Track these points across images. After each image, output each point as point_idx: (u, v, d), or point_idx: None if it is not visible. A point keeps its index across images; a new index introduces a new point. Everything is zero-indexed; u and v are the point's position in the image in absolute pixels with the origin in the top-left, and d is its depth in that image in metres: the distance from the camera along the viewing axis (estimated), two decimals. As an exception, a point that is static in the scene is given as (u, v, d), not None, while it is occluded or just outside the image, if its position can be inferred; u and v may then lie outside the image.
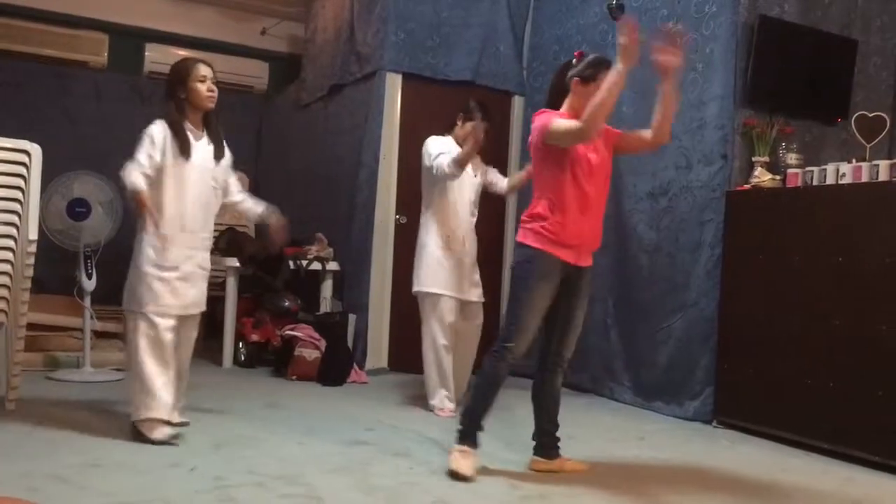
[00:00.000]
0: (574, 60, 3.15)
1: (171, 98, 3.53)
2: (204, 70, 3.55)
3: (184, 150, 3.46)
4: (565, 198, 3.04)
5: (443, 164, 4.16)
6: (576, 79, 3.09)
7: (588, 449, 3.45)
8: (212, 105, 3.56)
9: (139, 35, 7.33)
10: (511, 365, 3.09)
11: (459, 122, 4.36)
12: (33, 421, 3.55)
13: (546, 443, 3.22)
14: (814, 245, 3.74)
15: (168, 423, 3.35)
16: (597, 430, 4.01)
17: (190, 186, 3.48)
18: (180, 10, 7.43)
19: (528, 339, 3.08)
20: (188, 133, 3.49)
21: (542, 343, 3.21)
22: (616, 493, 2.89)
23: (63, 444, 3.21)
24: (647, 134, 3.25)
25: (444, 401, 4.22)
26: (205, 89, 3.52)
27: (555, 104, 3.15)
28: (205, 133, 3.57)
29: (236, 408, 4.09)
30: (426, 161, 4.29)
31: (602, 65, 3.07)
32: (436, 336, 4.25)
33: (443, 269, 4.27)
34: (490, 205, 4.86)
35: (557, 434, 3.23)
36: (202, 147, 3.54)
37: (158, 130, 3.45)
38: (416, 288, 4.34)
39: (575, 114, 3.04)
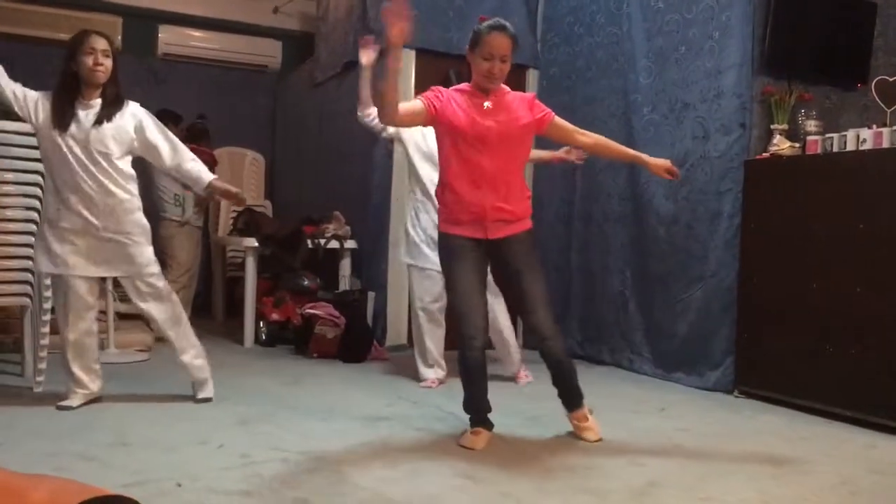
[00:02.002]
0: None
1: (64, 70, 3.49)
2: (94, 42, 3.46)
3: (58, 122, 3.43)
4: (451, 174, 3.06)
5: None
6: (470, 51, 3.07)
7: (608, 420, 3.46)
8: (98, 79, 3.47)
9: (152, 17, 7.33)
10: (476, 349, 3.09)
11: None
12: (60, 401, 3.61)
13: (563, 401, 3.28)
14: (834, 212, 3.70)
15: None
16: (617, 401, 4.01)
17: (71, 157, 3.43)
18: (193, -9, 7.43)
19: (472, 319, 3.06)
20: (74, 105, 3.45)
21: None
22: (638, 464, 2.90)
23: (90, 424, 3.26)
24: (587, 140, 3.25)
25: (422, 372, 4.37)
26: (91, 62, 3.44)
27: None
28: (98, 104, 3.50)
29: (259, 386, 4.13)
30: None
31: (482, 31, 3.01)
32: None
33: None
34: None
35: (573, 396, 3.24)
36: (86, 117, 3.47)
37: (41, 95, 3.47)
38: (405, 260, 4.52)
39: (474, 81, 3.07)
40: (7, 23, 6.74)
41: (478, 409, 3.18)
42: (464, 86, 3.13)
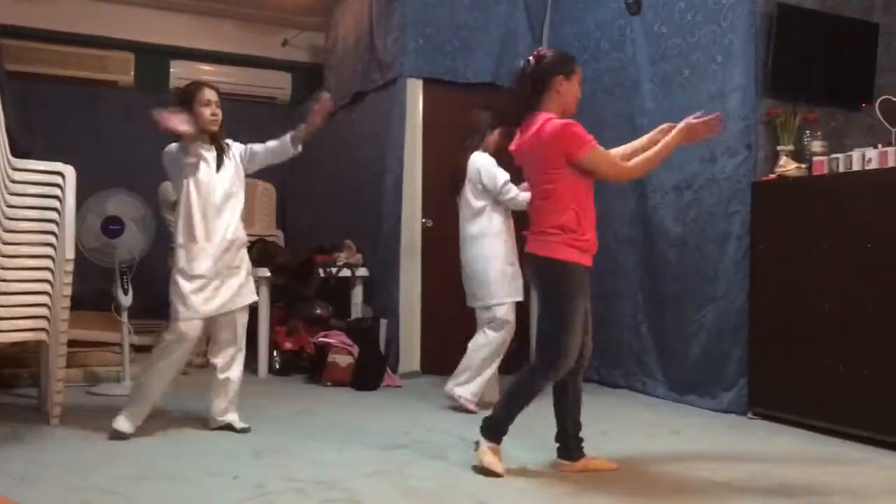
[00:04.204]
0: (532, 61, 3.13)
1: None
2: (208, 94, 3.70)
3: (196, 168, 3.65)
4: (586, 208, 3.07)
5: (519, 200, 4.21)
6: (561, 76, 3.11)
7: (623, 444, 3.47)
8: (215, 128, 3.72)
9: (164, 52, 7.46)
10: (558, 382, 3.09)
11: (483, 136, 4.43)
12: (78, 435, 3.64)
13: (568, 444, 3.18)
14: (843, 232, 3.72)
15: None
16: (631, 425, 4.01)
17: (208, 198, 3.68)
18: (202, 26, 7.55)
19: (572, 359, 3.03)
20: (200, 150, 3.65)
21: None
22: (653, 488, 2.91)
23: (109, 457, 3.29)
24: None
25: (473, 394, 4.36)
26: (208, 113, 3.69)
27: (528, 110, 3.12)
28: (211, 149, 3.73)
29: (273, 416, 4.15)
30: (490, 182, 4.30)
31: (573, 59, 3.16)
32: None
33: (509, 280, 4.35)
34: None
35: (580, 435, 3.19)
36: (212, 160, 3.72)
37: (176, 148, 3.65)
38: (492, 301, 4.32)
39: (562, 111, 3.11)
40: (22, 61, 6.86)
41: (506, 431, 3.12)
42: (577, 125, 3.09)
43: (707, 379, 4.40)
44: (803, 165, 4.10)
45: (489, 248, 4.31)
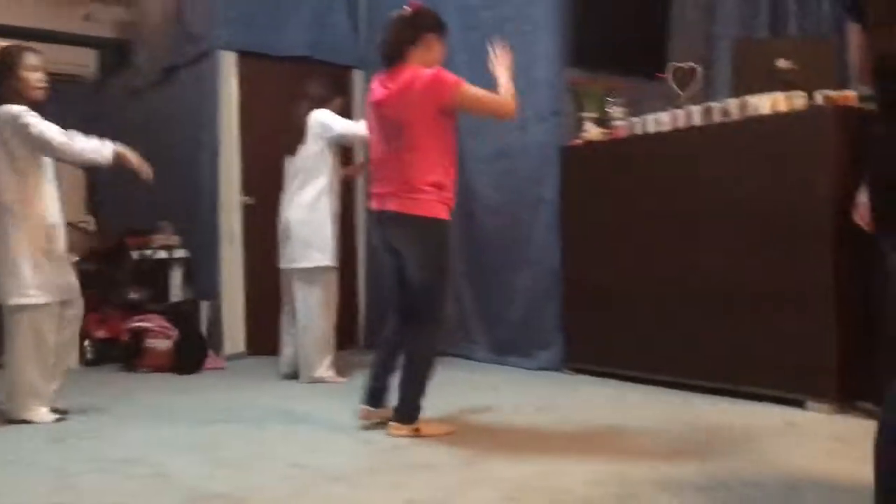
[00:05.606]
0: (409, 10, 3.10)
1: (2, 86, 3.39)
2: (34, 59, 3.45)
3: None
4: (452, 165, 3.07)
5: (358, 131, 4.14)
6: (436, 35, 3.11)
7: (443, 403, 3.50)
8: (42, 97, 3.47)
9: (-50, 25, 6.80)
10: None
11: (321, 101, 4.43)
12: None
13: (380, 392, 3.19)
14: (641, 192, 3.94)
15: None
16: (452, 386, 4.05)
17: (49, 178, 3.51)
18: (-5, -1, 6.94)
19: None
20: None
21: (405, 301, 3.15)
22: (471, 438, 2.97)
23: None
24: None
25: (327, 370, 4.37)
26: (34, 79, 3.43)
27: (398, 59, 3.06)
28: None
29: (83, 404, 3.87)
30: (334, 126, 4.28)
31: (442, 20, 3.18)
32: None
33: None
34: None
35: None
36: None
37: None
38: (327, 263, 4.32)
39: (426, 68, 3.05)
40: None
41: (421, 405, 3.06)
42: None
43: (525, 340, 4.56)
44: (606, 130, 4.32)
45: (331, 207, 4.35)
